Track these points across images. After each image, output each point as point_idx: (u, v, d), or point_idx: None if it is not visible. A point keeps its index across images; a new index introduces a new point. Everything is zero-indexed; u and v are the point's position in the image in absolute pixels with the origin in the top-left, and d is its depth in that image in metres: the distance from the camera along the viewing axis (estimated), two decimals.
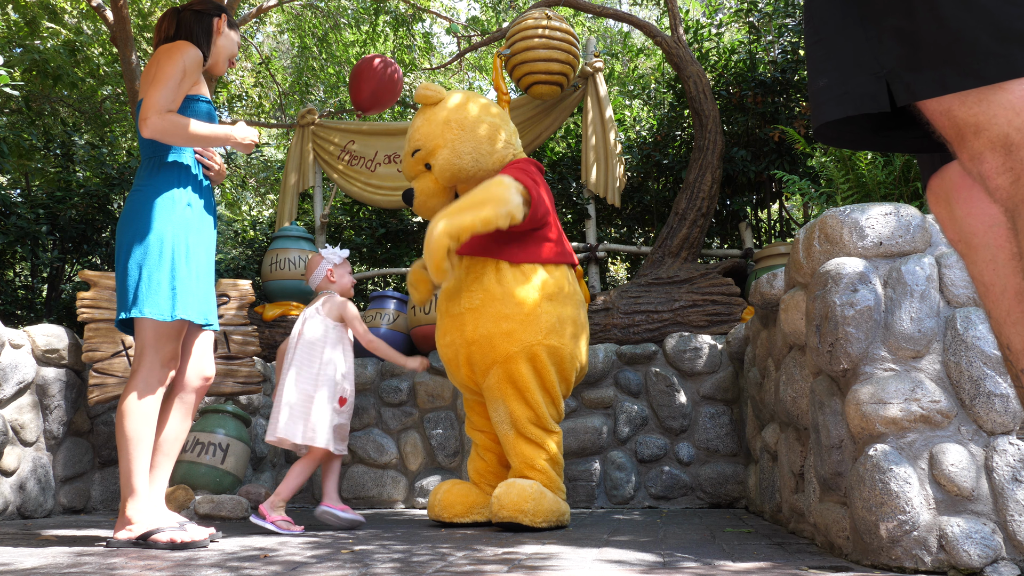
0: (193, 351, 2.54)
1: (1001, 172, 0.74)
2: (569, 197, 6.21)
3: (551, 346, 2.93)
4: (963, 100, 0.75)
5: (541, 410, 2.91)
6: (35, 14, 7.29)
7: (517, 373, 2.89)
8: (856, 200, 3.18)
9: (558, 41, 4.94)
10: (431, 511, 3.07)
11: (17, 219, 5.35)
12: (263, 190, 11.56)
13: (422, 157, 3.16)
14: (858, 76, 0.81)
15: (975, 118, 0.74)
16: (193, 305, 2.42)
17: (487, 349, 2.92)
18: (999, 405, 1.85)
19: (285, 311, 4.93)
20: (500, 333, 2.89)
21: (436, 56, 11.56)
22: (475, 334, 2.93)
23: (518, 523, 2.71)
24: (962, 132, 0.77)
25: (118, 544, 2.28)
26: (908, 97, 0.78)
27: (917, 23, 0.76)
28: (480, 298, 2.96)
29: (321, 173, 5.92)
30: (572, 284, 3.11)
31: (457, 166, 3.09)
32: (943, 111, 0.77)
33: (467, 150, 3.09)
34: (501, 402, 2.93)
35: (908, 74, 0.77)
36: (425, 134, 3.15)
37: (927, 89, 0.76)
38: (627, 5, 13.07)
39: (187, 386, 2.51)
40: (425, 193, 3.19)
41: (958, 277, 2.00)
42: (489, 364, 2.94)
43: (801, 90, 5.63)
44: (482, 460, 3.19)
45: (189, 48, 2.45)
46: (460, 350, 3.00)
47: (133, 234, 2.40)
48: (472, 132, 3.11)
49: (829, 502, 2.12)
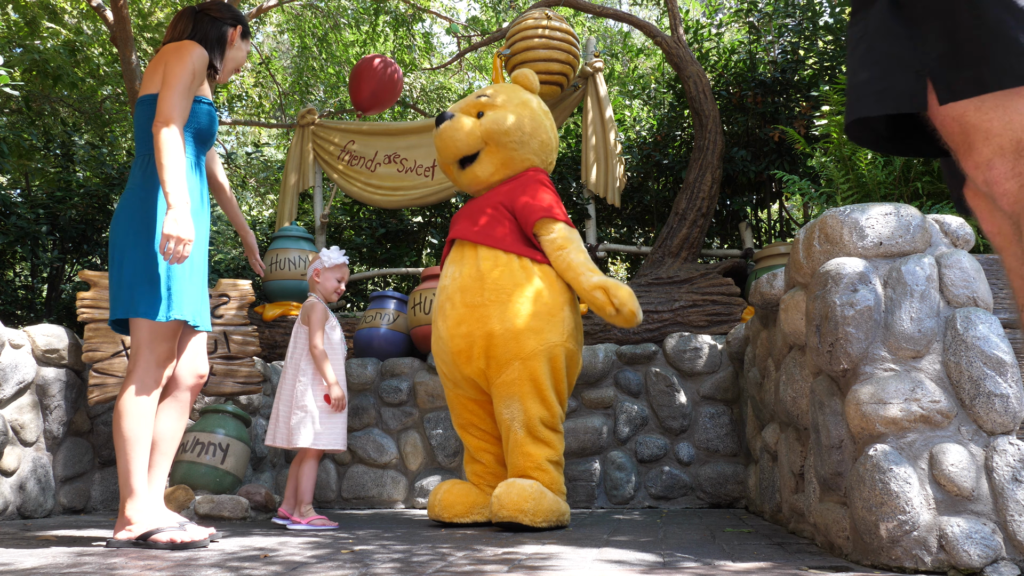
0: (187, 349, 2.54)
1: (1010, 177, 0.74)
2: (569, 197, 6.21)
3: (570, 349, 3.00)
4: (980, 105, 0.75)
5: (555, 410, 2.94)
6: (35, 14, 7.29)
7: (538, 371, 2.90)
8: (856, 200, 3.18)
9: (558, 41, 4.94)
10: (431, 511, 3.07)
11: (17, 219, 5.35)
12: (263, 190, 11.55)
13: (486, 103, 3.29)
14: (900, 73, 0.81)
15: (988, 123, 0.75)
16: (187, 305, 2.41)
17: (511, 343, 2.90)
18: (999, 405, 1.85)
19: (285, 311, 4.93)
20: (527, 329, 2.91)
21: (436, 56, 11.56)
22: (500, 327, 2.92)
23: (518, 523, 2.71)
24: (971, 139, 0.77)
25: (118, 544, 2.28)
26: (949, 96, 0.78)
27: (958, 22, 0.77)
28: (508, 291, 2.96)
29: (321, 173, 5.92)
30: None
31: (509, 129, 3.20)
32: (956, 116, 0.78)
33: (528, 129, 3.24)
34: (516, 399, 2.91)
35: (949, 72, 0.78)
36: (506, 95, 3.31)
37: (967, 88, 0.76)
38: (627, 5, 13.07)
39: (182, 384, 2.51)
40: (463, 129, 3.25)
41: (958, 277, 2.00)
42: (510, 359, 2.91)
43: (801, 90, 5.63)
44: (479, 462, 3.19)
45: (196, 48, 2.46)
46: (478, 341, 2.96)
47: (128, 234, 2.39)
48: (539, 123, 3.29)
49: (829, 502, 2.12)
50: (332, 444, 3.10)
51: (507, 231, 3.06)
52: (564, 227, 3.09)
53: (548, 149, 3.34)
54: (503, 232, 3.06)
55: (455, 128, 3.24)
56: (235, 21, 2.64)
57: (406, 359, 4.31)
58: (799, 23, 5.83)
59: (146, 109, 2.47)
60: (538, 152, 3.28)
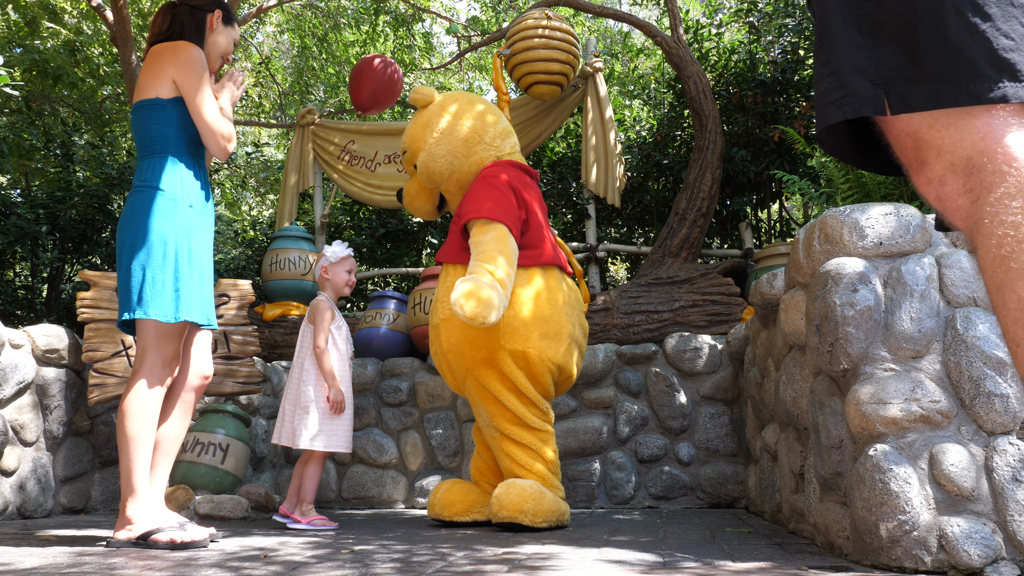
0: (192, 350, 2.55)
1: (961, 193, 0.77)
2: (569, 197, 6.21)
3: (515, 350, 2.91)
4: (932, 123, 0.78)
5: (520, 411, 2.92)
6: (35, 14, 7.29)
7: (486, 379, 2.94)
8: (856, 200, 3.18)
9: (558, 41, 4.94)
10: (431, 510, 3.08)
11: (17, 219, 5.35)
12: (263, 190, 11.55)
13: (408, 159, 3.32)
14: (857, 81, 0.84)
15: (940, 141, 0.78)
16: (195, 306, 2.42)
17: (459, 357, 2.99)
18: (999, 405, 1.85)
19: (285, 311, 4.93)
20: (466, 341, 2.93)
21: (436, 56, 11.56)
22: (448, 344, 3.00)
23: (518, 523, 2.71)
24: (923, 155, 0.80)
25: (118, 544, 2.28)
26: (903, 107, 0.81)
27: (919, 38, 0.79)
28: (448, 309, 2.96)
29: (321, 173, 5.92)
30: (550, 285, 3.03)
31: (432, 168, 3.19)
32: (910, 132, 0.81)
33: (441, 153, 3.17)
34: (480, 405, 3.00)
35: (904, 85, 0.81)
36: (410, 136, 3.29)
37: (922, 101, 0.79)
38: (627, 5, 13.07)
39: (187, 385, 2.52)
40: (410, 193, 3.38)
41: (958, 277, 2.00)
42: (464, 373, 3.01)
43: (801, 90, 5.63)
44: (481, 459, 3.20)
45: (192, 50, 2.48)
46: (441, 359, 3.09)
47: (135, 235, 2.40)
48: (448, 135, 3.18)
49: (829, 502, 2.12)
50: (334, 446, 3.09)
51: (451, 243, 3.11)
52: (480, 224, 2.93)
53: (477, 140, 3.16)
54: (449, 246, 3.12)
55: (411, 198, 3.39)
56: (213, 5, 2.62)
57: (406, 359, 4.31)
58: (799, 23, 5.83)
59: (144, 115, 2.48)
60: (473, 151, 3.16)
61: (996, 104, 0.75)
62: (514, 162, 3.20)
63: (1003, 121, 0.75)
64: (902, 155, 0.83)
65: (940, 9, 0.78)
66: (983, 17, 0.77)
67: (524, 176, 3.19)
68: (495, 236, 2.88)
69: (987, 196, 0.74)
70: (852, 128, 0.92)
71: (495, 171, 3.11)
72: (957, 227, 0.80)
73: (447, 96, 3.31)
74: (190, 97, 2.44)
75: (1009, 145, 0.74)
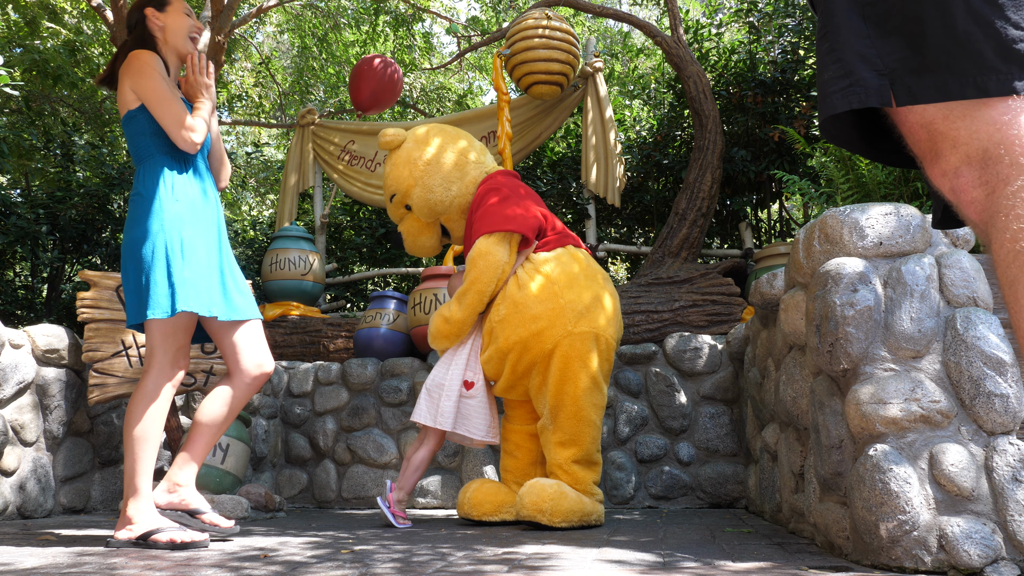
0: (242, 342, 2.51)
1: (976, 185, 0.75)
2: (569, 197, 6.21)
3: (583, 333, 2.96)
4: (947, 113, 0.76)
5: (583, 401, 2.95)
6: (35, 14, 7.29)
7: (559, 366, 2.94)
8: (856, 200, 3.18)
9: (558, 41, 4.94)
10: (460, 509, 3.13)
11: (17, 219, 5.35)
12: (263, 190, 11.56)
13: (400, 200, 3.31)
14: (862, 71, 0.82)
15: (955, 132, 0.76)
16: (196, 296, 2.38)
17: (522, 353, 2.99)
18: (999, 405, 1.85)
19: (285, 311, 4.93)
20: (532, 336, 2.96)
21: (436, 56, 11.56)
22: (507, 343, 3.00)
23: (537, 522, 2.77)
24: (938, 146, 0.78)
25: (118, 544, 2.29)
26: (908, 99, 0.78)
27: (925, 29, 0.77)
28: (505, 309, 3.02)
29: (321, 173, 5.92)
30: (581, 261, 3.12)
31: (431, 200, 3.22)
32: (924, 123, 0.78)
33: (437, 182, 3.22)
34: (551, 395, 2.98)
35: (910, 77, 0.78)
36: (395, 178, 3.29)
37: (928, 93, 0.77)
38: (627, 5, 13.07)
39: (246, 375, 2.50)
40: (411, 233, 3.38)
41: (958, 277, 2.00)
42: (527, 367, 3.02)
43: (801, 90, 5.63)
44: (513, 458, 3.23)
45: (141, 55, 2.52)
46: (498, 361, 3.06)
47: (131, 240, 2.45)
48: (437, 164, 3.23)
49: (829, 502, 2.12)
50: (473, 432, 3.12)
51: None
52: (479, 244, 3.03)
53: (465, 161, 3.27)
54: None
55: (412, 238, 3.40)
56: (141, 5, 2.65)
57: (406, 359, 4.31)
58: (799, 23, 5.83)
59: (125, 129, 2.58)
60: (466, 171, 3.25)
61: (1009, 96, 0.72)
62: (503, 170, 3.34)
63: (1021, 112, 0.72)
64: (915, 147, 0.81)
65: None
66: (992, 6, 0.74)
67: (517, 179, 3.35)
68: (475, 273, 3.03)
69: (1003, 189, 0.72)
70: (858, 118, 0.89)
71: (482, 189, 3.21)
72: (971, 220, 0.78)
73: (415, 131, 3.36)
74: (145, 100, 2.49)
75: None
